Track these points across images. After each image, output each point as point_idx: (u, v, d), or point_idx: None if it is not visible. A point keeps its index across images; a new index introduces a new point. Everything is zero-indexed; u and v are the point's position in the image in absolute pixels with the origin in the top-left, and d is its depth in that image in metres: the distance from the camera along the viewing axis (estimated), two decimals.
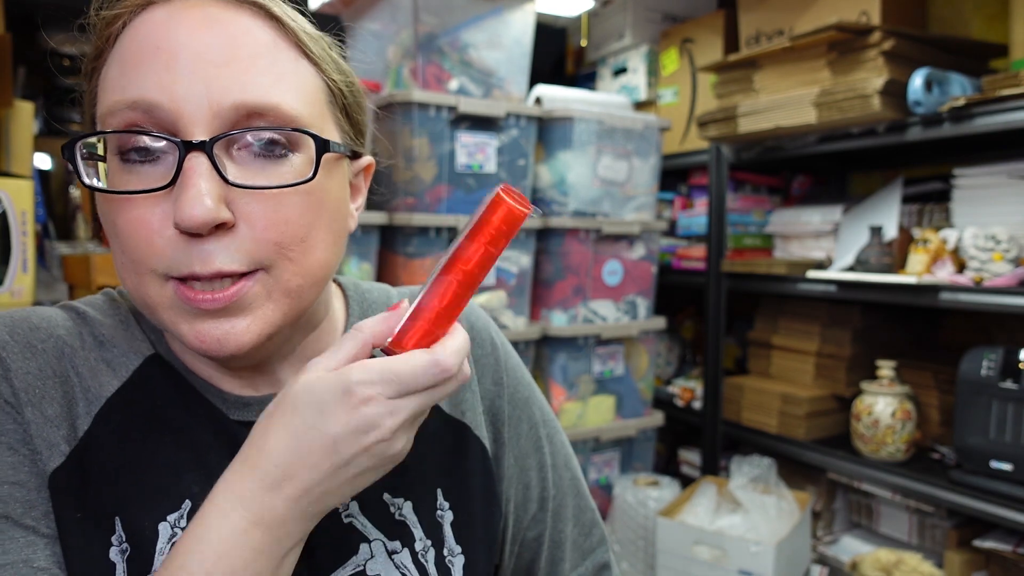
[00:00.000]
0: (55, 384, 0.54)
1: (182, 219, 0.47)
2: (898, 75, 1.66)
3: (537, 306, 2.08)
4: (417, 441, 0.61)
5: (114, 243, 0.52)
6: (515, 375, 0.74)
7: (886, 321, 2.13)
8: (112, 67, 0.52)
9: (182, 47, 0.49)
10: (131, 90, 0.49)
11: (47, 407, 0.53)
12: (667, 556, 1.85)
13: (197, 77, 0.49)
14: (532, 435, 0.74)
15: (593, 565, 0.77)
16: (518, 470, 0.72)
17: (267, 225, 0.50)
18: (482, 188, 1.91)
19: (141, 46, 0.50)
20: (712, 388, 2.22)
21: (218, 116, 0.49)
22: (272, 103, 0.50)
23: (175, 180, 0.48)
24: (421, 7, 1.81)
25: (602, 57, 2.73)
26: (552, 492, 0.74)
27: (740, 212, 2.30)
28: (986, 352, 1.62)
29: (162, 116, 0.49)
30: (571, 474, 0.77)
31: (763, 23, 2.10)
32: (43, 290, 1.85)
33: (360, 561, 0.59)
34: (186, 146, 0.48)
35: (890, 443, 1.80)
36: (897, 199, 1.90)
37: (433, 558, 0.61)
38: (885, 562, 1.67)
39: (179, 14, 0.50)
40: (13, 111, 1.57)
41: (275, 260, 0.52)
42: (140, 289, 0.51)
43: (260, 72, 0.51)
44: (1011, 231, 1.60)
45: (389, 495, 0.62)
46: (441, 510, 0.64)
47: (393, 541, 0.60)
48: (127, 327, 0.59)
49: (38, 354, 0.54)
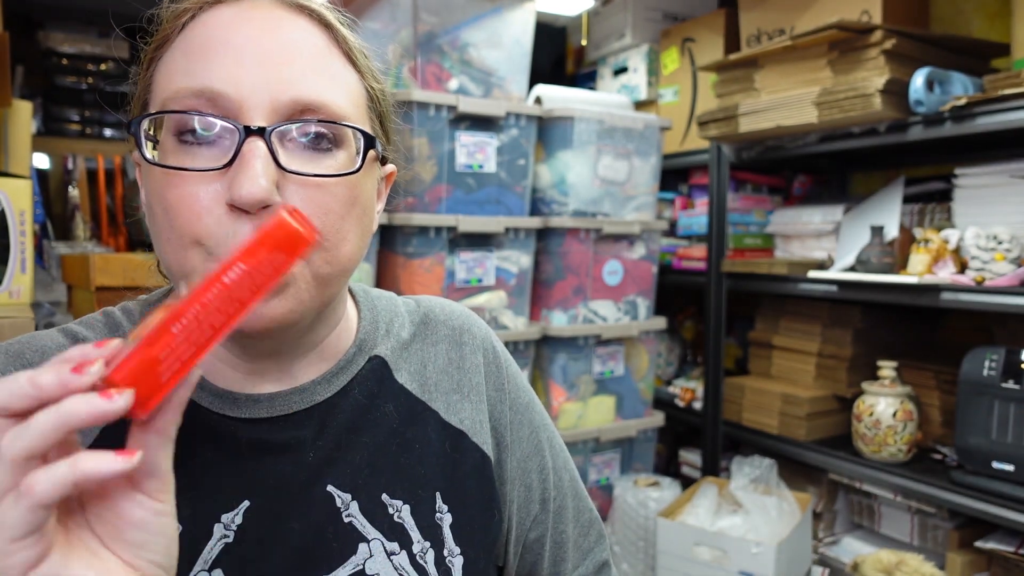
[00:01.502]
0: None
1: (239, 195, 0.50)
2: (899, 74, 1.66)
3: (537, 306, 2.08)
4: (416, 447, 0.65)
5: (161, 218, 0.54)
6: (515, 382, 0.76)
7: (887, 321, 2.12)
8: (176, 55, 0.55)
9: (248, 44, 0.53)
10: (198, 78, 0.52)
11: None
12: (668, 557, 1.85)
13: (260, 72, 0.53)
14: (533, 439, 0.76)
15: (593, 564, 0.80)
16: (520, 473, 0.73)
17: (309, 212, 0.53)
18: (482, 188, 1.90)
19: (209, 39, 0.54)
20: (713, 388, 2.22)
21: (276, 109, 0.53)
22: (324, 100, 0.54)
23: (232, 161, 0.52)
24: (421, 6, 1.81)
25: (602, 56, 2.73)
26: (553, 493, 0.76)
27: (741, 212, 2.29)
28: (988, 352, 1.61)
29: (225, 104, 0.52)
30: (569, 476, 0.80)
31: (764, 22, 2.09)
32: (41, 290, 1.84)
33: (359, 560, 0.60)
34: (246, 131, 0.52)
35: (891, 444, 1.80)
36: (898, 199, 1.89)
37: (433, 559, 0.63)
38: (886, 563, 1.67)
39: (246, 13, 0.55)
40: (11, 110, 1.56)
41: None
42: (182, 262, 0.53)
43: (314, 73, 0.55)
44: (1013, 231, 1.59)
45: (388, 496, 0.63)
46: (440, 512, 0.65)
47: (391, 542, 0.62)
48: None
49: None
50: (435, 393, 0.69)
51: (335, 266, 0.56)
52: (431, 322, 0.73)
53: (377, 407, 0.65)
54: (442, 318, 0.74)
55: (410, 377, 0.69)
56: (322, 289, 0.56)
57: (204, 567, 0.56)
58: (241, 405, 0.60)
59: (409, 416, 0.67)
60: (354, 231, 0.57)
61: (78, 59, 2.37)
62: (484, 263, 1.92)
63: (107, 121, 2.44)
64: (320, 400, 0.63)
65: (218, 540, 0.57)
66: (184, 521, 0.55)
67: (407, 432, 0.66)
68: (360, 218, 0.58)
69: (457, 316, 0.75)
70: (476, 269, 1.90)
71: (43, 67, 2.36)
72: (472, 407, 0.71)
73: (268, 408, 0.61)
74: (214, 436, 0.59)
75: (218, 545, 0.57)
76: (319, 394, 0.63)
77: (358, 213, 0.58)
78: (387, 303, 0.73)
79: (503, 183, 1.93)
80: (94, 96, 2.41)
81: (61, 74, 2.36)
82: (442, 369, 0.71)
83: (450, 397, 0.70)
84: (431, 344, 0.72)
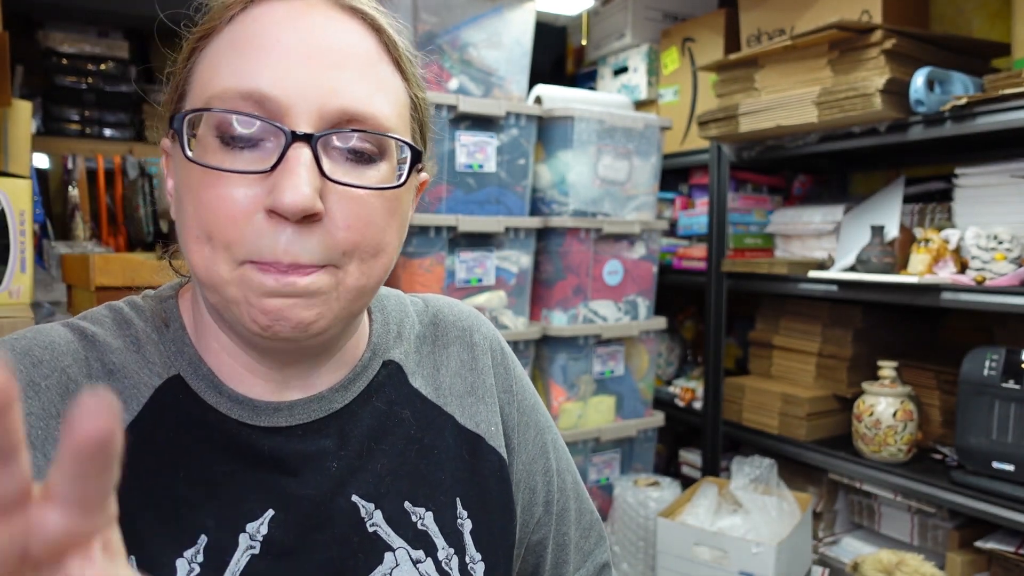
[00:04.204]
0: (58, 425, 0.52)
1: (282, 202, 0.49)
2: (900, 74, 1.66)
3: (537, 306, 2.08)
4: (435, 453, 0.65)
5: (191, 214, 0.52)
6: (522, 383, 0.76)
7: (887, 321, 2.12)
8: (224, 49, 0.53)
9: (299, 46, 0.51)
10: (247, 79, 0.51)
11: (50, 449, 0.52)
12: (667, 557, 1.85)
13: (310, 77, 0.51)
14: (538, 441, 0.75)
15: (594, 566, 0.79)
16: (525, 475, 0.73)
17: (350, 224, 0.52)
18: (482, 187, 1.90)
19: (260, 36, 0.52)
20: (713, 388, 2.22)
21: (323, 116, 0.51)
22: (371, 112, 0.53)
23: (276, 166, 0.50)
24: (420, 6, 1.81)
25: (602, 56, 2.72)
26: (556, 496, 0.75)
27: (741, 212, 2.29)
28: (988, 352, 1.61)
29: (272, 108, 0.51)
30: (572, 478, 0.79)
31: (764, 22, 2.09)
32: (41, 290, 1.84)
33: (386, 570, 0.59)
34: (293, 136, 0.50)
35: (891, 444, 1.79)
36: (899, 199, 1.89)
37: (457, 565, 0.62)
38: (886, 563, 1.67)
39: (297, 12, 0.53)
40: (11, 110, 1.56)
41: (348, 259, 0.53)
42: (209, 263, 0.52)
43: (363, 80, 0.53)
44: (1013, 231, 1.59)
45: (411, 504, 0.62)
46: (461, 519, 0.64)
47: (417, 551, 0.61)
48: (139, 349, 0.58)
49: (41, 392, 0.53)
50: (450, 397, 0.69)
51: (371, 278, 0.55)
52: (441, 323, 0.73)
53: (395, 413, 0.65)
54: (451, 319, 0.73)
55: (424, 382, 0.68)
56: (354, 300, 0.55)
57: None
58: (261, 413, 0.59)
59: (426, 422, 0.66)
60: (391, 243, 0.57)
61: (78, 59, 2.37)
62: (484, 263, 1.91)
63: (107, 121, 2.44)
64: (338, 407, 0.62)
65: (244, 551, 0.55)
66: (208, 532, 0.54)
67: (425, 438, 0.65)
68: (398, 230, 0.58)
69: (466, 316, 0.74)
70: (476, 269, 1.90)
71: (43, 67, 2.36)
72: (487, 409, 0.70)
73: (288, 417, 0.59)
74: (235, 445, 0.57)
75: (245, 556, 0.55)
76: (337, 401, 0.62)
77: (396, 225, 0.57)
78: (396, 303, 0.72)
79: (503, 183, 1.93)
80: (94, 96, 2.40)
81: (61, 74, 2.36)
82: (455, 372, 0.70)
83: (464, 400, 0.69)
84: (442, 347, 0.71)
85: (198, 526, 0.54)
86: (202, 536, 0.54)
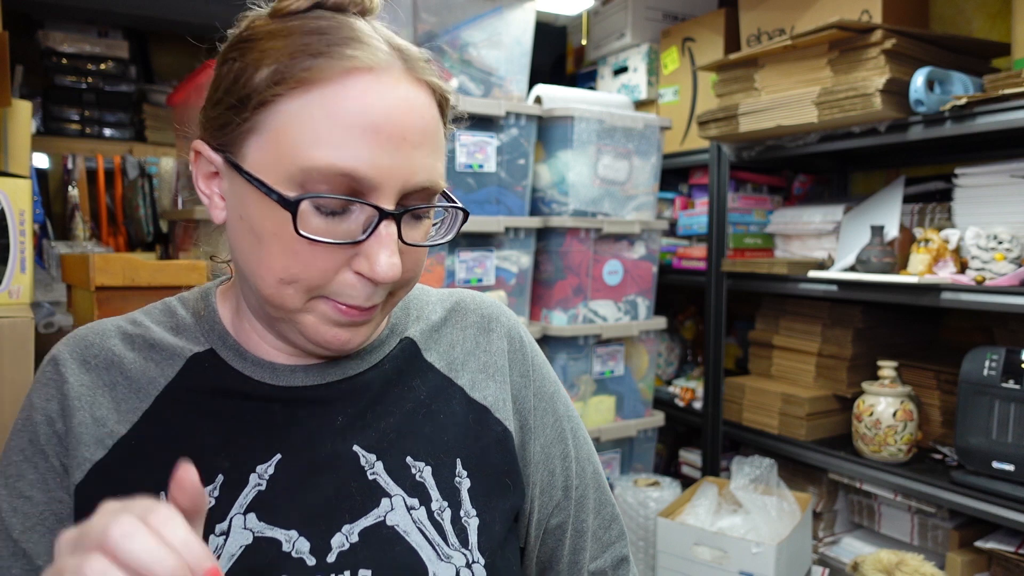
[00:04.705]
0: (104, 392, 0.66)
1: (380, 273, 0.59)
2: (900, 74, 1.66)
3: (537, 306, 2.08)
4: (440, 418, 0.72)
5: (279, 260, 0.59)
6: (541, 372, 0.81)
7: (887, 321, 2.12)
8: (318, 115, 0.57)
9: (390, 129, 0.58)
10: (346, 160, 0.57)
11: (96, 410, 0.65)
12: (668, 557, 1.85)
13: (396, 158, 0.58)
14: (557, 427, 0.80)
15: (612, 558, 0.83)
16: (544, 457, 0.78)
17: (408, 269, 0.63)
18: (482, 187, 1.90)
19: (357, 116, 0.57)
20: (713, 388, 2.22)
21: (403, 191, 0.60)
22: (436, 181, 0.62)
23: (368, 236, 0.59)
24: (420, 6, 1.81)
25: (602, 56, 2.72)
26: (575, 482, 0.80)
27: (741, 212, 2.29)
28: (988, 352, 1.61)
29: (365, 185, 0.58)
30: (593, 468, 0.83)
31: (764, 22, 2.09)
32: (41, 290, 1.84)
33: (381, 513, 0.66)
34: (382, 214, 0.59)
35: (891, 443, 1.79)
36: (899, 198, 1.89)
37: (449, 517, 0.67)
38: (886, 563, 1.67)
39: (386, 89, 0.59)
40: (11, 110, 1.56)
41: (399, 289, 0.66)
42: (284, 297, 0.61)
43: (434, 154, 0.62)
44: (1013, 231, 1.59)
45: (412, 459, 0.68)
46: (459, 477, 0.70)
47: (412, 499, 0.67)
48: (178, 331, 0.71)
49: (90, 369, 0.67)
50: (461, 371, 0.75)
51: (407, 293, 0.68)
52: (461, 309, 0.80)
53: (405, 382, 0.72)
54: (472, 307, 0.80)
55: (438, 356, 0.75)
56: (391, 310, 0.68)
57: (240, 510, 0.63)
58: (280, 374, 0.68)
59: (436, 391, 0.73)
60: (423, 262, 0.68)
61: (78, 59, 2.37)
62: (484, 263, 1.91)
63: (107, 121, 2.44)
64: (352, 374, 0.70)
65: (252, 487, 0.64)
66: (224, 472, 0.64)
67: (433, 404, 0.72)
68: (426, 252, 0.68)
69: (487, 305, 0.81)
70: (476, 269, 1.90)
71: (43, 67, 2.36)
72: (496, 387, 0.76)
73: (304, 378, 0.68)
74: (252, 399, 0.67)
75: (252, 491, 0.64)
76: (352, 369, 0.70)
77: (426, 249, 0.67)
78: (418, 292, 0.80)
79: (503, 183, 1.93)
80: (94, 96, 2.40)
81: (61, 73, 2.36)
82: (469, 351, 0.77)
83: (476, 376, 0.75)
84: (460, 328, 0.78)
85: (217, 467, 0.64)
86: (219, 475, 0.64)
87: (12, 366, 1.29)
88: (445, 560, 0.65)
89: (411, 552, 0.64)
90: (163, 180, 2.44)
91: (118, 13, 2.21)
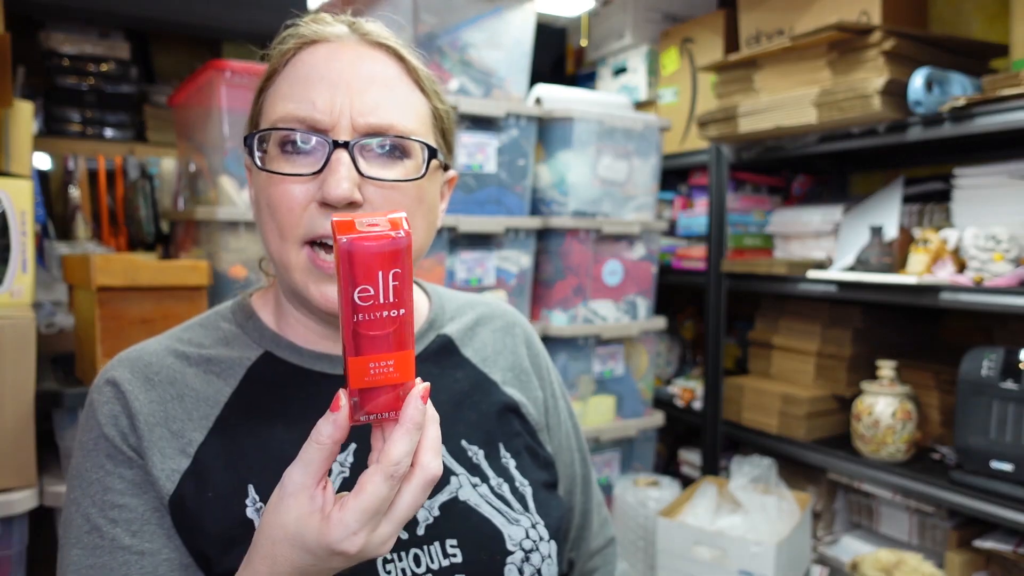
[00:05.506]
0: (175, 403, 0.71)
1: (328, 195, 0.64)
2: (898, 75, 1.66)
3: (537, 306, 2.08)
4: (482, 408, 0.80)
5: (266, 215, 0.69)
6: (552, 374, 0.93)
7: (886, 321, 2.12)
8: (283, 85, 0.70)
9: (337, 78, 0.68)
10: (302, 107, 0.67)
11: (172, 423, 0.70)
12: (667, 557, 1.85)
13: (346, 100, 0.67)
14: (568, 423, 0.93)
15: (604, 538, 0.98)
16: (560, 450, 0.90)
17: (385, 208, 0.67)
18: (482, 188, 1.91)
19: (308, 74, 0.69)
20: (712, 388, 2.22)
21: (356, 129, 0.67)
22: (392, 122, 0.68)
23: (323, 168, 0.66)
24: (421, 6, 1.81)
25: (602, 57, 2.73)
26: (580, 471, 0.94)
27: (740, 212, 2.30)
28: (987, 352, 1.61)
29: (320, 125, 0.67)
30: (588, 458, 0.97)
31: (763, 23, 2.10)
32: (42, 290, 1.85)
33: (453, 489, 0.75)
34: (334, 144, 0.66)
35: (890, 443, 1.80)
36: (898, 199, 1.89)
37: (508, 490, 0.78)
38: (885, 562, 1.67)
39: (336, 52, 0.70)
40: (12, 111, 1.56)
41: None
42: (282, 253, 0.68)
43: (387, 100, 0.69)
44: (1012, 231, 1.60)
45: (466, 442, 0.78)
46: (504, 459, 0.80)
47: (474, 477, 0.76)
48: (228, 343, 0.76)
49: (155, 385, 0.72)
50: (494, 368, 0.85)
51: None
52: (489, 313, 0.90)
53: (448, 374, 0.81)
54: (498, 312, 0.91)
55: (474, 352, 0.85)
56: None
57: None
58: (338, 365, 0.74)
59: (475, 383, 0.82)
60: (422, 224, 0.73)
61: (79, 59, 2.37)
62: (484, 263, 1.92)
63: (108, 121, 2.44)
64: None
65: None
66: None
67: (474, 395, 0.81)
68: (426, 214, 0.74)
69: (509, 313, 0.93)
70: (476, 269, 1.91)
71: (44, 67, 2.36)
72: (522, 385, 0.87)
73: None
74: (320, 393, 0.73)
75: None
76: None
77: (424, 210, 0.73)
78: (451, 296, 0.90)
79: (503, 183, 1.94)
80: (95, 96, 2.41)
81: (62, 74, 2.37)
82: (499, 351, 0.87)
83: (505, 374, 0.86)
84: (490, 331, 0.88)
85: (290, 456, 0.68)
86: None
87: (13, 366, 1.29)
88: (514, 523, 0.76)
89: (486, 521, 0.74)
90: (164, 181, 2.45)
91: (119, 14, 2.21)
